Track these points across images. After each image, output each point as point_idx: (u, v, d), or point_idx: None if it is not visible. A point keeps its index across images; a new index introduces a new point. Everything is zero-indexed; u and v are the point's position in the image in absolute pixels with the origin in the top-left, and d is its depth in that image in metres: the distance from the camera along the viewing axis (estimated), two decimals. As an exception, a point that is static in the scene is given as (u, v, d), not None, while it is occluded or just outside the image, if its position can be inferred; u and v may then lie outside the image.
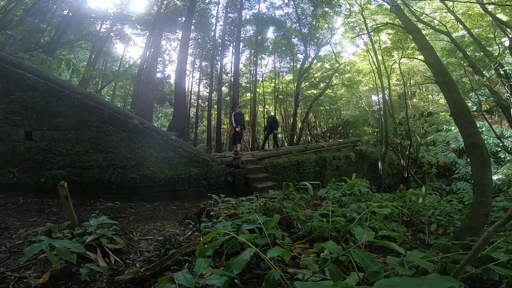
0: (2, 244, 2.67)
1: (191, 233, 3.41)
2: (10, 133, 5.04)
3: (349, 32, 18.65)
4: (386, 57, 15.33)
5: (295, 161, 8.74)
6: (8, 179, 5.00)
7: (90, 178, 5.37)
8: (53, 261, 1.91)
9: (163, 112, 27.94)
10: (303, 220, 3.63)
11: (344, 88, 19.23)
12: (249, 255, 1.76)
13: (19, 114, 5.07)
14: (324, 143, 11.21)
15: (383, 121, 11.56)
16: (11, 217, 4.01)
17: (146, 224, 4.28)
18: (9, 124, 5.01)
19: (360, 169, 11.99)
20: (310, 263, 2.13)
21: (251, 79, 23.76)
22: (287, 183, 3.93)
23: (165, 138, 6.15)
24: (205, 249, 1.97)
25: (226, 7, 22.20)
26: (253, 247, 1.85)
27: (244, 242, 2.04)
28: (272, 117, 10.34)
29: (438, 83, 4.80)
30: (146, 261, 2.54)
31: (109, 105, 5.73)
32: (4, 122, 5.00)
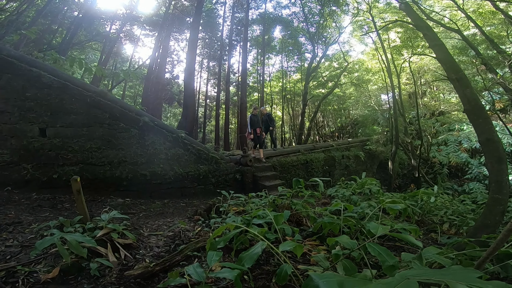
0: (15, 238, 2.70)
1: (201, 229, 3.42)
2: (25, 130, 5.16)
3: (357, 30, 18.46)
4: (395, 56, 15.11)
5: (304, 160, 8.69)
6: (22, 175, 5.12)
7: (101, 174, 5.45)
8: (63, 255, 1.91)
9: (172, 112, 28.19)
10: (313, 217, 3.58)
11: (352, 87, 19.02)
12: (261, 248, 1.73)
13: (34, 111, 5.19)
14: (333, 142, 11.12)
15: (393, 120, 11.39)
16: (24, 212, 4.10)
17: (156, 220, 4.30)
18: (24, 121, 5.14)
19: (370, 168, 11.84)
20: (321, 260, 2.10)
21: (259, 79, 23.78)
22: (297, 179, 3.89)
23: (175, 136, 6.19)
24: (216, 243, 1.96)
25: (233, 7, 22.29)
26: (265, 240, 1.84)
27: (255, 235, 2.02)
28: (268, 114, 10.05)
29: (451, 80, 4.71)
30: (155, 256, 2.54)
31: (120, 103, 5.81)
32: (19, 119, 5.13)
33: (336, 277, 1.15)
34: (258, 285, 2.00)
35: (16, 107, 5.14)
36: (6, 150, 5.08)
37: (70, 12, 17.17)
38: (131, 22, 20.95)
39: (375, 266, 2.37)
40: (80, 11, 16.62)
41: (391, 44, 15.71)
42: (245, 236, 2.42)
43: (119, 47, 22.66)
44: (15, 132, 5.13)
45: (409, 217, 4.72)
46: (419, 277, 0.90)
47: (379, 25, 14.16)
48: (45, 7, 13.67)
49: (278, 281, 1.67)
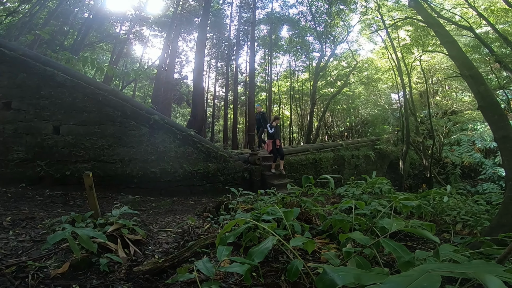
0: (27, 233, 2.75)
1: (210, 226, 3.43)
2: (40, 128, 5.28)
3: (365, 29, 18.19)
4: (405, 54, 14.87)
5: (312, 159, 8.62)
6: (36, 172, 5.24)
7: (112, 172, 5.53)
8: (74, 250, 1.91)
9: (181, 112, 28.46)
10: (323, 215, 3.53)
11: (362, 86, 18.77)
12: (271, 243, 1.69)
13: (48, 110, 5.31)
14: (342, 142, 11.00)
15: (404, 119, 11.20)
16: (38, 208, 4.19)
17: (166, 216, 4.34)
18: (39, 119, 5.26)
19: (380, 168, 11.66)
20: (331, 258, 2.05)
21: (266, 78, 23.77)
22: (307, 176, 3.85)
23: (184, 134, 6.24)
24: (226, 237, 1.95)
25: (240, 7, 22.33)
26: (275, 234, 1.81)
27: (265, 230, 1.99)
28: (262, 113, 9.65)
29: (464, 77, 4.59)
30: (165, 252, 2.55)
31: (132, 101, 5.89)
32: (34, 117, 5.25)
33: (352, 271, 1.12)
34: (267, 282, 1.97)
35: (31, 105, 5.27)
36: (22, 147, 5.22)
37: (81, 13, 17.53)
38: (140, 23, 21.22)
39: (386, 264, 2.32)
40: (91, 13, 16.94)
41: (401, 42, 15.48)
42: (254, 233, 2.40)
43: (129, 48, 23.00)
44: (30, 129, 5.27)
45: (421, 217, 4.63)
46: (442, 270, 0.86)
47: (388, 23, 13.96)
48: (56, 9, 13.99)
49: (288, 278, 1.64)
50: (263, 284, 1.92)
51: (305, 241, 1.81)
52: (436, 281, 0.77)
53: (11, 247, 2.37)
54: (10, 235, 2.69)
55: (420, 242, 3.38)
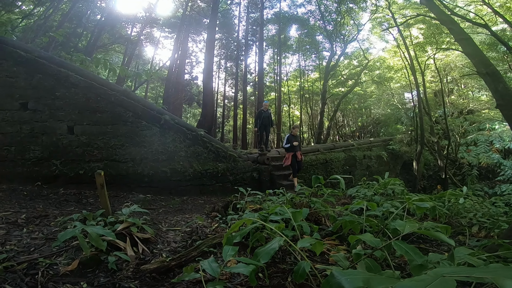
0: (40, 231, 2.80)
1: (218, 225, 3.42)
2: (55, 128, 5.43)
3: (376, 28, 17.92)
4: (418, 53, 14.54)
5: (323, 159, 8.52)
6: (51, 171, 5.39)
7: (124, 171, 5.63)
8: (84, 247, 1.94)
9: (191, 112, 28.72)
10: (333, 216, 3.46)
11: (374, 85, 18.43)
12: (278, 244, 1.65)
13: (63, 110, 5.45)
14: (354, 142, 10.82)
15: (418, 119, 10.93)
16: (51, 206, 4.30)
17: (175, 215, 4.36)
18: (54, 119, 5.41)
19: (393, 169, 11.41)
20: (340, 259, 2.00)
21: (275, 78, 23.69)
22: (316, 176, 3.79)
23: (194, 134, 6.28)
24: (232, 237, 1.93)
25: (248, 7, 22.36)
26: (282, 235, 1.78)
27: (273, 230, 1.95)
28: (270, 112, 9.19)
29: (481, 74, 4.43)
30: (172, 251, 2.56)
31: (143, 102, 5.98)
32: (49, 117, 5.40)
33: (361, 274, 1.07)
34: (273, 283, 1.94)
35: (46, 105, 5.42)
36: (38, 147, 5.38)
37: (93, 15, 17.95)
38: (150, 24, 21.54)
39: (398, 267, 2.26)
40: (103, 15, 17.31)
41: (413, 40, 15.16)
42: (261, 233, 2.38)
43: (140, 49, 23.38)
44: (45, 129, 5.42)
45: (435, 219, 4.49)
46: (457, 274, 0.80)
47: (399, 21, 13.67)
48: (69, 11, 14.36)
49: (295, 279, 1.60)
50: (269, 285, 1.90)
51: (313, 242, 1.77)
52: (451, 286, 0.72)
53: (24, 244, 2.42)
54: (24, 232, 2.75)
55: (433, 244, 3.28)
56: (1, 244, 2.39)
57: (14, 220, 3.05)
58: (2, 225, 2.87)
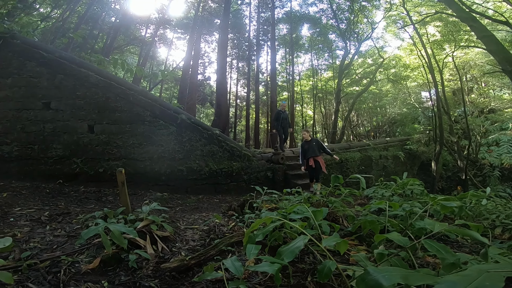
0: (62, 228, 2.85)
1: (235, 224, 3.39)
2: (76, 127, 5.57)
3: (391, 25, 17.67)
4: (436, 51, 14.16)
5: (338, 159, 8.38)
6: (72, 169, 5.52)
7: (142, 169, 5.71)
8: (106, 245, 1.93)
9: (205, 112, 28.96)
10: (352, 216, 3.39)
11: (389, 84, 18.03)
12: (303, 243, 1.58)
13: (83, 109, 5.58)
14: (370, 141, 10.60)
15: (437, 118, 10.61)
16: (73, 203, 4.40)
17: (192, 214, 4.37)
18: (75, 118, 5.55)
19: (410, 170, 11.11)
20: (361, 259, 1.93)
21: (288, 78, 23.56)
22: (336, 175, 3.73)
23: (210, 133, 6.31)
24: (254, 236, 1.90)
25: (258, 7, 22.36)
26: (307, 234, 1.73)
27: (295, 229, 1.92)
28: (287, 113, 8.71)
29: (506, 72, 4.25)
30: (191, 249, 2.55)
31: (160, 101, 6.06)
32: (70, 116, 5.55)
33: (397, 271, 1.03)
34: (293, 283, 1.90)
35: (68, 105, 5.57)
36: (60, 145, 5.53)
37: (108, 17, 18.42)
38: (163, 25, 21.88)
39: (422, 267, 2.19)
40: (117, 17, 17.71)
41: (430, 38, 14.77)
42: (280, 232, 2.35)
43: (154, 50, 23.79)
44: (67, 128, 5.56)
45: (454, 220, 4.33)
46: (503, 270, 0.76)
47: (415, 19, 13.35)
48: (85, 14, 14.79)
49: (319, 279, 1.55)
50: (290, 285, 1.87)
51: (339, 242, 1.73)
52: (499, 280, 0.69)
53: (47, 242, 2.48)
54: (47, 229, 2.81)
55: (454, 246, 3.17)
56: (26, 241, 2.46)
57: (38, 217, 3.14)
58: (27, 222, 2.95)
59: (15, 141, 5.48)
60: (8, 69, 5.57)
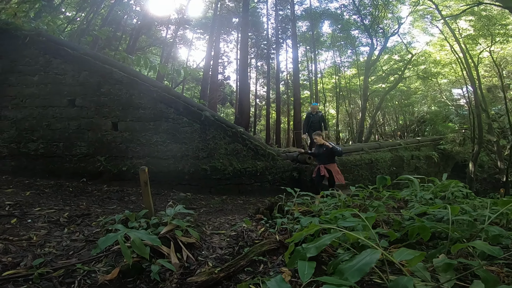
0: (81, 232, 2.71)
1: (265, 230, 3.12)
2: (100, 124, 5.48)
3: (418, 20, 16.96)
4: (469, 46, 13.36)
5: (368, 159, 7.88)
6: (96, 167, 5.43)
7: (165, 168, 5.53)
8: (126, 255, 1.76)
9: (225, 112, 29.05)
10: (398, 221, 3.03)
11: (419, 81, 17.16)
12: (375, 258, 1.24)
13: (107, 106, 5.49)
14: (401, 141, 9.99)
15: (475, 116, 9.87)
16: (94, 203, 4.27)
17: (217, 217, 4.15)
18: (99, 115, 5.46)
19: (443, 171, 10.36)
20: (419, 270, 1.62)
21: (309, 76, 23.08)
22: (382, 176, 3.36)
23: (234, 131, 6.05)
24: (305, 250, 1.57)
25: (276, 5, 22.08)
26: (376, 247, 1.40)
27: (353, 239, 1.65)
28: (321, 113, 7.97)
29: None
30: (218, 259, 2.35)
31: (183, 98, 5.88)
32: (95, 113, 5.46)
33: None
34: None
35: (92, 102, 5.49)
36: (84, 143, 5.45)
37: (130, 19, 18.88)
38: (183, 26, 22.13)
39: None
40: (138, 18, 18.07)
41: (462, 33, 13.98)
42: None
43: (175, 51, 24.12)
44: (91, 125, 5.49)
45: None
46: None
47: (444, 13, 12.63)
48: (108, 16, 15.27)
49: None
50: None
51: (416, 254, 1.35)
52: None
53: (63, 247, 2.34)
54: (65, 232, 2.67)
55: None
56: (40, 245, 2.32)
57: (56, 218, 3.01)
58: (44, 224, 2.82)
59: (41, 138, 5.46)
60: (35, 66, 5.57)
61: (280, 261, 2.30)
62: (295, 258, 1.52)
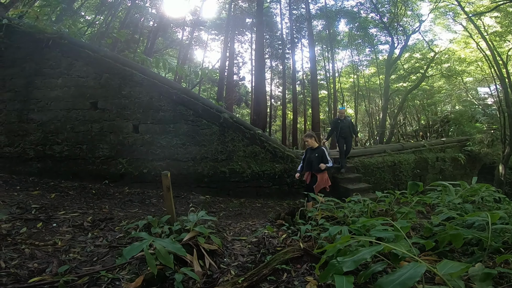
0: (104, 237, 2.72)
1: (287, 236, 3.03)
2: (121, 126, 5.53)
3: (440, 18, 16.44)
4: (496, 43, 12.75)
5: (391, 162, 7.57)
6: (118, 169, 5.49)
7: (185, 170, 5.52)
8: (151, 266, 1.74)
9: (240, 112, 29.11)
10: (429, 228, 2.88)
11: (442, 80, 16.49)
12: (420, 272, 1.16)
13: (128, 109, 5.53)
14: (425, 142, 9.57)
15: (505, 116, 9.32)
16: (117, 206, 4.32)
17: (238, 222, 4.10)
18: (121, 118, 5.51)
19: (469, 173, 9.85)
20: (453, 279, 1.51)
21: (326, 75, 22.71)
22: (414, 182, 3.21)
23: (252, 133, 5.96)
24: (340, 264, 1.47)
25: (290, 4, 21.88)
26: (421, 261, 1.27)
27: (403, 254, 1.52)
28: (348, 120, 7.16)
29: None
30: (240, 267, 2.33)
31: (202, 100, 5.84)
32: (116, 116, 5.52)
33: None
34: None
35: (114, 104, 5.55)
36: (106, 145, 5.52)
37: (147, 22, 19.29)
38: (198, 27, 22.39)
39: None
40: (155, 20, 18.41)
41: (488, 30, 13.36)
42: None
43: (191, 53, 24.42)
44: (113, 128, 5.55)
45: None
46: None
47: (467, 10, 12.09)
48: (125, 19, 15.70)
49: None
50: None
51: (463, 266, 1.28)
52: None
53: (87, 253, 2.37)
54: (89, 237, 2.71)
55: None
56: (65, 251, 2.35)
57: (80, 223, 3.05)
58: (69, 229, 2.87)
59: (65, 141, 5.58)
60: (58, 69, 5.69)
61: (305, 270, 2.24)
62: (329, 271, 1.45)
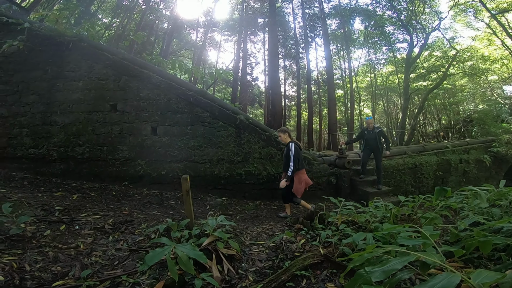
0: (125, 240, 2.76)
1: (305, 241, 2.96)
2: (140, 128, 5.61)
3: (460, 15, 15.91)
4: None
5: (412, 164, 7.32)
6: (137, 171, 5.57)
7: (202, 172, 5.53)
8: (172, 273, 1.76)
9: (253, 113, 29.17)
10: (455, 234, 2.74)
11: (465, 78, 15.84)
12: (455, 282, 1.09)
13: (147, 111, 5.60)
14: (448, 143, 9.20)
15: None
16: (136, 208, 4.38)
17: (254, 225, 4.08)
18: (139, 120, 5.59)
19: (495, 176, 9.39)
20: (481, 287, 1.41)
21: (341, 75, 22.32)
22: (442, 187, 3.05)
23: (268, 134, 5.90)
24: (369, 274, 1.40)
25: (302, 3, 21.66)
26: (455, 271, 1.21)
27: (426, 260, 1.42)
28: (380, 129, 6.62)
29: None
30: (258, 272, 2.34)
31: (219, 101, 5.83)
32: (135, 118, 5.60)
33: None
34: None
35: (132, 107, 5.63)
36: (126, 147, 5.61)
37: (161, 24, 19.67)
38: (211, 28, 22.65)
39: None
40: (169, 22, 18.74)
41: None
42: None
43: (205, 54, 24.72)
44: (132, 130, 5.63)
45: None
46: None
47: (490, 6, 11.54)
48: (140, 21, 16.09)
49: None
50: None
51: (498, 276, 1.16)
52: None
53: (109, 256, 2.43)
54: (109, 241, 2.76)
55: None
56: (87, 254, 2.42)
57: (102, 225, 3.11)
58: (90, 232, 2.92)
59: (87, 142, 5.71)
60: (79, 72, 5.82)
61: (325, 276, 2.21)
62: (356, 281, 1.39)
